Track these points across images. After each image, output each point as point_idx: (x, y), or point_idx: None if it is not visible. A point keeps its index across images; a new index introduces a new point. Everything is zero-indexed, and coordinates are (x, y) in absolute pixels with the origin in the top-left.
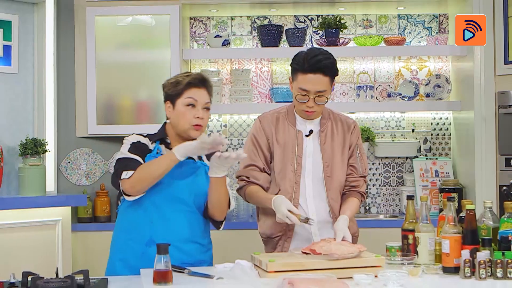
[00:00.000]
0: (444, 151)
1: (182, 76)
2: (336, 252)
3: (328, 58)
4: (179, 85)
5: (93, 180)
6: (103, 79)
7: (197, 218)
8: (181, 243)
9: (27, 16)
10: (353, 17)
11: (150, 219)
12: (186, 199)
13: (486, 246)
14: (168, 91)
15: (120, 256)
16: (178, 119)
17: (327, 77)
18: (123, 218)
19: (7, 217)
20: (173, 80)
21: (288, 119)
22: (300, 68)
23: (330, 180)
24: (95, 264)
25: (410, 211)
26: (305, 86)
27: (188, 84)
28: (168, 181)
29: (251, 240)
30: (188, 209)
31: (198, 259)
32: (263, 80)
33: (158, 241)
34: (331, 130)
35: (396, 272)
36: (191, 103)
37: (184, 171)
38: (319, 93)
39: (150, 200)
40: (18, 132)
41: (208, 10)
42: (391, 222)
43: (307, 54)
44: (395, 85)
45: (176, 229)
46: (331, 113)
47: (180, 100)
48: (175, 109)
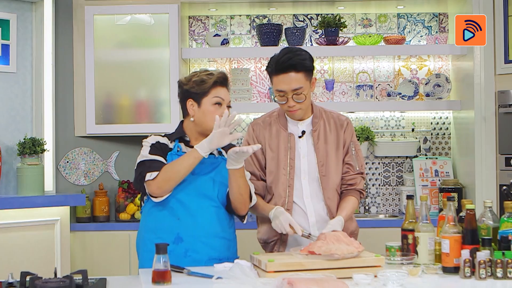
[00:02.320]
0: (444, 150)
1: (205, 74)
2: (336, 252)
3: (298, 54)
4: (205, 83)
5: (91, 179)
6: (101, 78)
7: (223, 212)
8: (209, 239)
9: (25, 15)
10: (352, 16)
11: (176, 217)
12: (211, 194)
13: (486, 246)
14: (191, 89)
15: (150, 256)
16: (205, 117)
17: (300, 73)
18: (149, 219)
19: (5, 217)
20: (197, 79)
21: (280, 122)
22: (272, 70)
23: (326, 179)
24: (94, 264)
25: (409, 211)
26: (280, 87)
27: (215, 83)
28: (191, 178)
29: (250, 240)
30: (213, 203)
31: (225, 255)
32: (262, 79)
33: (185, 237)
34: (323, 128)
35: (396, 272)
36: (218, 102)
37: (206, 167)
38: (296, 91)
39: (175, 197)
40: (16, 131)
41: (207, 9)
42: (390, 222)
43: (277, 55)
44: (395, 84)
45: (204, 224)
46: (323, 111)
47: (207, 99)
48: (201, 108)
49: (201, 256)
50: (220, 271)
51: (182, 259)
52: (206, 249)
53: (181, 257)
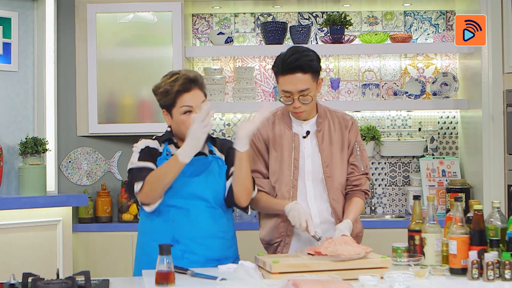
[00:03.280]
0: (451, 150)
1: (169, 83)
2: (343, 253)
3: (306, 55)
4: (169, 94)
5: (94, 179)
6: (104, 77)
7: (218, 213)
8: (205, 239)
9: (27, 13)
10: (358, 14)
11: (171, 219)
12: (204, 194)
13: (494, 247)
14: (160, 101)
15: (145, 259)
16: (179, 127)
17: (308, 75)
18: (145, 222)
19: (7, 218)
20: (162, 90)
21: (284, 121)
22: (278, 70)
23: (331, 180)
24: (97, 265)
25: (416, 211)
26: (286, 88)
27: (178, 92)
28: (184, 180)
29: (254, 241)
30: (207, 204)
31: (224, 255)
32: (267, 78)
33: (181, 239)
34: (328, 128)
35: (402, 273)
36: (187, 110)
37: (197, 168)
38: (302, 92)
39: (169, 201)
40: (18, 131)
41: (211, 6)
42: (397, 223)
43: (284, 55)
44: (401, 83)
45: (199, 225)
46: (328, 111)
47: (175, 110)
48: (173, 119)
49: (199, 258)
50: (224, 272)
51: (179, 261)
52: (203, 250)
53: (178, 259)
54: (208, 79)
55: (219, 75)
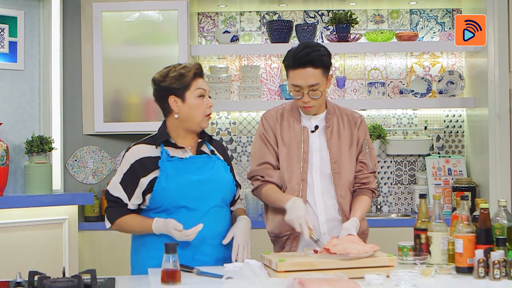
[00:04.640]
0: (457, 148)
1: (181, 68)
2: (352, 252)
3: (316, 50)
4: (185, 77)
5: (100, 178)
6: (110, 75)
7: (225, 212)
8: (216, 240)
9: (33, 12)
10: (364, 12)
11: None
12: (212, 195)
13: (500, 246)
14: (171, 85)
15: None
16: (191, 111)
17: (318, 70)
18: None
19: (13, 216)
20: (175, 74)
21: (293, 115)
22: (289, 64)
23: (338, 176)
24: (102, 264)
25: (422, 210)
26: (296, 82)
27: (195, 75)
28: (191, 182)
29: (260, 239)
30: (216, 204)
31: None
32: (273, 76)
33: (193, 241)
34: (337, 125)
35: (409, 272)
36: (202, 94)
37: (203, 169)
38: (312, 87)
39: (178, 204)
40: (24, 129)
41: (216, 5)
42: (403, 221)
43: (295, 49)
44: (407, 81)
45: (210, 226)
46: (337, 108)
47: (190, 93)
48: (186, 103)
49: (209, 258)
50: (230, 271)
51: (191, 262)
52: (213, 251)
53: (189, 261)
54: (213, 77)
55: (225, 74)
